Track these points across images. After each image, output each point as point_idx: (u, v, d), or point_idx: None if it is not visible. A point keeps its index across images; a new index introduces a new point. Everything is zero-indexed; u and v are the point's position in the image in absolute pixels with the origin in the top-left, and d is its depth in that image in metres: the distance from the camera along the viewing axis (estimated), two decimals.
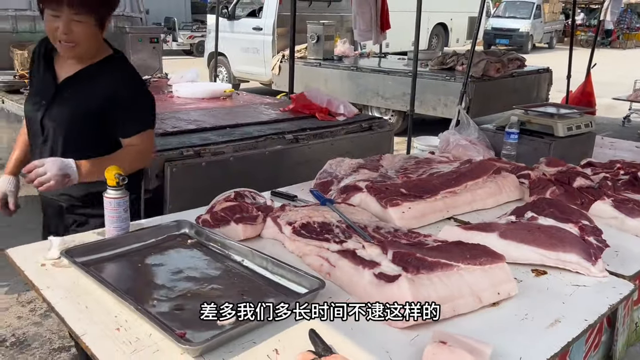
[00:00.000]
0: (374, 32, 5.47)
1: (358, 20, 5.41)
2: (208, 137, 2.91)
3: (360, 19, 5.37)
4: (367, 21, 5.33)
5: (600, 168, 2.55)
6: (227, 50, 9.70)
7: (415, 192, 2.04)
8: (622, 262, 1.74)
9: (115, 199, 1.63)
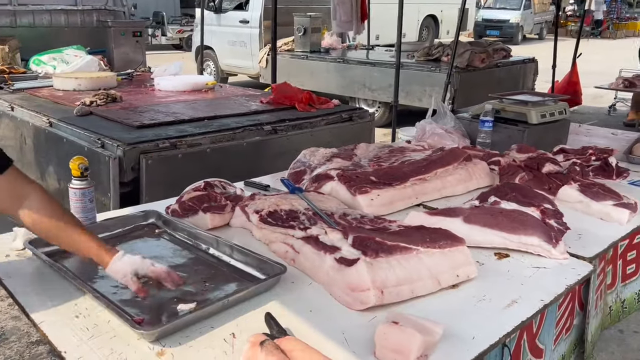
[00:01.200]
0: (355, 22, 5.46)
1: (338, 10, 5.41)
2: (185, 129, 2.92)
3: (341, 9, 5.36)
4: (347, 12, 5.32)
5: (572, 154, 2.58)
6: (215, 44, 9.68)
7: (384, 180, 2.06)
8: (584, 244, 1.77)
9: (80, 189, 1.65)
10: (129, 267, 1.34)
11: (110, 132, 2.80)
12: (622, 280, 2.85)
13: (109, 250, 1.38)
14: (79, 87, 4.08)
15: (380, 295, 1.35)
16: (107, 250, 1.38)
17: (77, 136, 2.89)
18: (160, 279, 1.36)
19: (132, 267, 1.34)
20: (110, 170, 2.57)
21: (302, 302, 1.39)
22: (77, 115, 3.23)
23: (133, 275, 1.34)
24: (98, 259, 1.38)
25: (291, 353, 1.09)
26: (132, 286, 1.33)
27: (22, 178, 1.38)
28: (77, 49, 5.08)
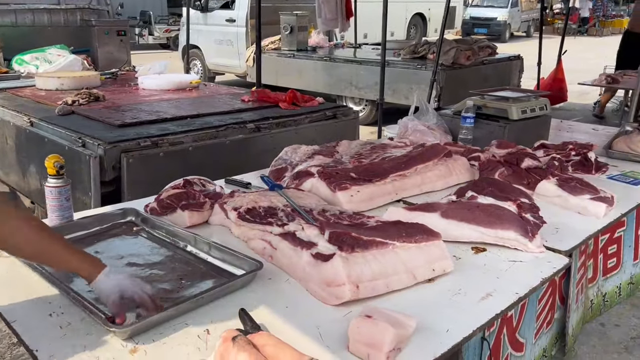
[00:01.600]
0: (340, 20, 5.46)
1: (323, 9, 5.40)
2: (167, 128, 2.90)
3: (326, 7, 5.36)
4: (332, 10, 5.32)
5: (552, 149, 2.60)
6: (201, 43, 9.63)
7: (364, 176, 2.06)
8: (561, 238, 1.79)
9: (56, 187, 1.64)
10: (116, 288, 1.24)
11: (92, 131, 2.78)
12: (604, 274, 2.88)
13: (94, 264, 1.29)
14: (61, 87, 4.05)
15: (355, 290, 1.36)
16: (93, 263, 1.29)
17: (58, 135, 2.86)
18: (143, 305, 1.26)
19: (119, 289, 1.24)
20: (91, 170, 2.55)
21: (278, 298, 1.40)
22: (59, 115, 3.20)
23: (118, 298, 1.24)
24: (82, 272, 1.27)
25: (263, 348, 1.09)
26: (113, 309, 1.23)
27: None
28: (60, 49, 5.03)
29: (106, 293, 1.24)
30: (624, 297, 3.03)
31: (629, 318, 2.88)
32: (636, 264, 3.09)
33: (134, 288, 1.26)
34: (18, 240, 1.21)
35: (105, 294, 1.24)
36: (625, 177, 2.42)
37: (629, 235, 2.97)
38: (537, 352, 2.38)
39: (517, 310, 2.08)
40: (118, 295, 1.24)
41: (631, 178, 2.41)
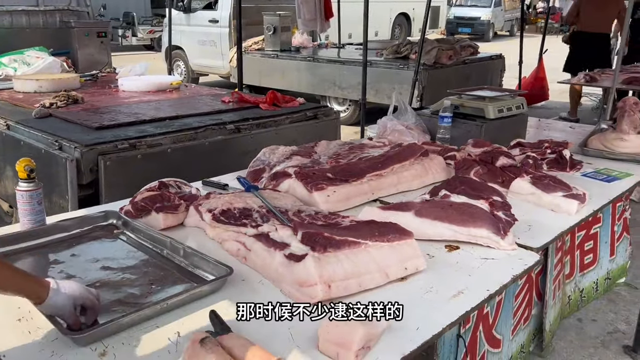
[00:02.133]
0: (319, 20, 5.47)
1: (302, 9, 5.41)
2: (145, 130, 2.89)
3: (305, 8, 5.37)
4: (311, 10, 5.33)
5: (528, 148, 2.63)
6: (184, 44, 9.60)
7: (341, 176, 2.07)
8: (533, 235, 1.81)
9: (27, 191, 1.62)
10: (69, 301, 1.20)
11: (69, 134, 2.76)
12: (580, 270, 2.92)
13: (38, 282, 1.21)
14: (40, 89, 4.01)
15: (327, 290, 1.36)
16: (37, 282, 1.21)
17: (35, 139, 2.84)
18: (94, 309, 1.26)
19: (71, 302, 1.21)
20: (68, 173, 2.54)
21: (251, 299, 1.39)
22: (36, 118, 3.17)
23: (72, 309, 1.21)
24: (28, 293, 1.19)
25: (232, 350, 1.10)
26: (70, 320, 1.21)
27: None
28: (39, 50, 4.98)
29: (60, 308, 1.20)
30: (601, 293, 3.08)
31: (605, 313, 2.92)
32: (612, 259, 3.14)
33: (83, 294, 1.24)
34: None
35: (59, 309, 1.20)
36: (599, 175, 2.45)
37: (605, 231, 3.02)
38: (514, 348, 2.41)
39: (493, 307, 2.11)
40: (72, 306, 1.21)
41: (605, 175, 2.44)
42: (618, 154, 2.67)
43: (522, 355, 2.47)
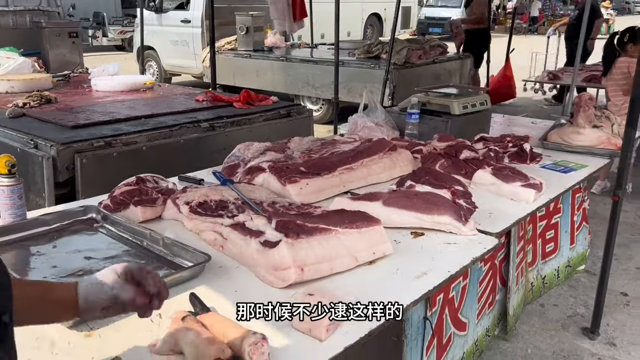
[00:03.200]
0: (287, 21, 5.56)
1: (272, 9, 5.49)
2: (120, 128, 2.94)
3: (274, 8, 5.44)
4: (280, 10, 5.41)
5: (491, 142, 2.77)
6: (157, 44, 9.56)
7: (313, 170, 2.17)
8: (493, 222, 1.93)
9: (9, 186, 1.67)
10: (109, 272, 1.04)
11: (44, 133, 2.79)
12: (542, 258, 3.08)
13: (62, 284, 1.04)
14: (11, 90, 4.00)
15: (300, 273, 1.45)
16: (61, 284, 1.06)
17: (9, 138, 2.86)
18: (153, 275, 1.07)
19: (112, 272, 1.03)
20: (44, 171, 2.57)
21: (228, 284, 1.48)
22: (9, 117, 3.18)
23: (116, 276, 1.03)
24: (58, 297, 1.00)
25: (211, 326, 1.18)
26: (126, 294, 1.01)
27: None
28: (9, 51, 4.94)
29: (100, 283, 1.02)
30: (562, 279, 3.25)
31: (566, 298, 3.08)
32: (573, 247, 3.31)
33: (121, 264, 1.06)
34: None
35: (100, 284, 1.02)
36: (557, 166, 2.60)
37: (565, 221, 3.18)
38: (480, 331, 2.54)
39: (458, 292, 2.23)
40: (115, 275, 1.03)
41: (562, 167, 2.59)
42: (575, 147, 2.83)
43: (487, 339, 2.60)
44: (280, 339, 1.23)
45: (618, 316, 2.89)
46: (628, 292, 3.16)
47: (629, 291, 3.16)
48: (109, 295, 0.99)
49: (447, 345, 2.21)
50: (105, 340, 1.22)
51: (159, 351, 1.16)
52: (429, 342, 2.03)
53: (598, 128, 2.82)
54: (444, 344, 2.18)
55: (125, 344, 1.20)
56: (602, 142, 2.77)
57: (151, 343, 1.19)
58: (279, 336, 1.24)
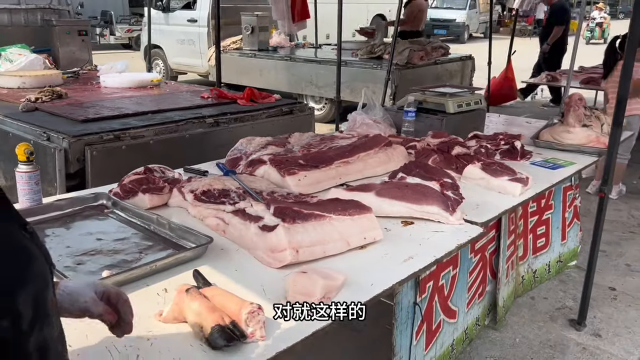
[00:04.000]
0: (287, 21, 5.67)
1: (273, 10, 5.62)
2: (129, 122, 3.06)
3: (275, 8, 5.56)
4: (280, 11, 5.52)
5: (484, 139, 2.88)
6: (163, 43, 9.71)
7: (311, 163, 2.29)
8: (480, 213, 2.04)
9: (27, 172, 1.80)
10: (88, 287, 1.07)
11: (56, 126, 2.92)
12: (533, 252, 3.19)
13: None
14: (23, 85, 4.13)
15: (295, 254, 1.57)
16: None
17: (23, 130, 2.99)
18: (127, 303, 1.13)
19: (90, 287, 1.07)
20: (57, 162, 2.69)
21: (229, 264, 1.60)
22: (23, 111, 3.31)
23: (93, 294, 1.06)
24: None
25: (213, 298, 1.30)
26: (95, 308, 1.05)
27: None
28: (21, 48, 5.08)
29: (78, 292, 1.05)
30: (553, 274, 3.36)
31: (556, 292, 3.19)
32: (564, 243, 3.41)
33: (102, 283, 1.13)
34: None
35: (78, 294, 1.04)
36: (546, 163, 2.71)
37: (557, 217, 3.29)
38: (470, 320, 2.65)
39: (448, 281, 2.34)
40: (93, 291, 1.07)
41: (551, 163, 2.70)
42: (565, 145, 2.94)
43: (477, 328, 2.72)
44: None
45: (605, 309, 3.00)
46: (616, 287, 3.26)
47: (617, 286, 3.27)
48: (81, 307, 1.03)
49: (436, 331, 2.33)
50: None
51: (164, 319, 1.29)
52: (419, 327, 2.14)
53: (587, 127, 2.93)
54: (433, 329, 2.30)
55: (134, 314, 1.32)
56: (591, 140, 2.88)
57: (157, 312, 1.31)
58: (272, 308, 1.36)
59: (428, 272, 2.13)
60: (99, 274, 1.47)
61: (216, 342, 1.17)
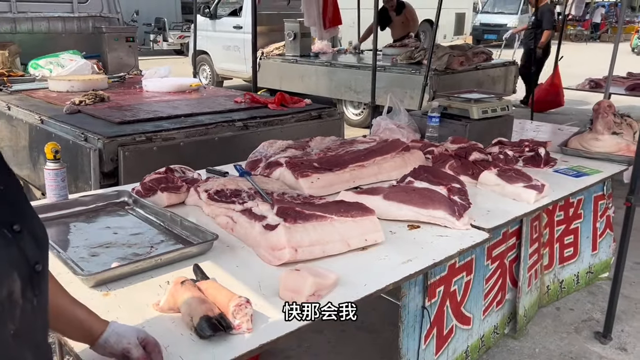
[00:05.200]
0: (318, 28, 5.74)
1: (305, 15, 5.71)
2: (161, 125, 3.20)
3: (307, 15, 5.65)
4: (312, 17, 5.60)
5: (509, 146, 2.85)
6: (210, 49, 10.00)
7: (326, 166, 2.34)
8: (489, 218, 2.04)
9: (54, 170, 1.94)
10: (132, 331, 1.19)
11: (94, 128, 3.09)
12: (560, 262, 3.12)
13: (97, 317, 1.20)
14: (71, 89, 4.38)
15: (294, 253, 1.63)
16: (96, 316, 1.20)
17: (64, 131, 3.18)
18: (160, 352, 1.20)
19: (134, 332, 1.19)
20: (92, 161, 2.86)
21: (232, 261, 1.68)
22: (66, 114, 3.52)
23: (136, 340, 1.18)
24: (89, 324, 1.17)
25: (206, 291, 1.37)
26: (137, 352, 1.16)
27: None
28: (72, 54, 5.39)
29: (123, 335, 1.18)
30: (582, 285, 3.26)
31: (584, 303, 3.10)
32: (595, 254, 3.31)
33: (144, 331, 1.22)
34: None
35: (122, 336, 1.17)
36: (570, 171, 2.65)
37: (587, 227, 3.20)
38: (487, 328, 2.62)
39: (461, 286, 2.34)
40: (136, 337, 1.18)
41: (575, 171, 2.64)
42: (593, 153, 2.87)
43: (495, 336, 2.68)
44: (267, 305, 1.41)
45: (634, 323, 2.89)
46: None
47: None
48: (124, 347, 1.16)
49: (448, 336, 2.32)
50: (119, 299, 1.43)
51: (160, 309, 1.37)
52: (428, 331, 2.15)
53: (617, 135, 2.84)
54: (444, 335, 2.29)
55: (134, 303, 1.42)
56: (620, 148, 2.79)
57: (155, 302, 1.39)
58: (265, 303, 1.42)
59: (438, 277, 2.14)
60: (110, 264, 1.57)
61: (203, 332, 1.24)
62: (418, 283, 2.01)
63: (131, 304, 1.41)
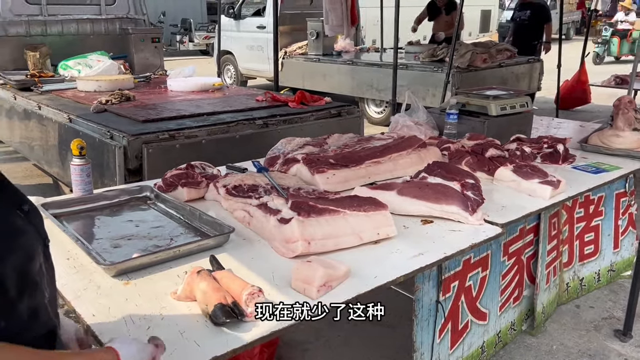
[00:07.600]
0: (345, 26, 5.79)
1: (330, 15, 5.76)
2: (184, 123, 3.29)
3: (333, 14, 5.70)
4: (338, 16, 5.66)
5: (527, 143, 2.84)
6: (234, 49, 10.13)
7: (342, 162, 2.38)
8: (503, 214, 2.04)
9: (79, 165, 2.02)
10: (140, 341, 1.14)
11: (119, 126, 3.20)
12: (580, 259, 3.10)
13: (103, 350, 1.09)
14: (99, 89, 4.52)
15: (307, 246, 1.67)
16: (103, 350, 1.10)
17: (91, 130, 3.30)
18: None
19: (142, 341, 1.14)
20: (117, 158, 2.96)
21: (247, 253, 1.73)
22: (93, 112, 3.65)
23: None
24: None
25: (221, 280, 1.43)
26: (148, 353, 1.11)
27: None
28: (100, 55, 5.55)
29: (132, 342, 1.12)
30: (603, 283, 3.23)
31: (604, 301, 3.07)
32: (617, 252, 3.28)
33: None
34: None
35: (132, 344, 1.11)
36: (589, 167, 2.63)
37: (608, 224, 3.17)
38: (503, 324, 2.63)
39: (476, 282, 2.35)
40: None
41: (594, 168, 2.62)
42: (614, 150, 2.83)
43: (512, 332, 2.68)
44: (279, 295, 1.46)
45: None
46: None
47: None
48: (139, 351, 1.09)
49: (463, 331, 2.34)
50: (138, 288, 1.50)
51: (177, 298, 1.43)
52: (442, 325, 2.17)
53: (638, 131, 2.81)
54: (459, 329, 2.31)
55: (153, 292, 1.48)
56: None
57: (172, 291, 1.46)
58: (277, 293, 1.47)
59: (452, 272, 2.17)
60: (131, 255, 1.64)
61: (217, 318, 1.30)
62: (432, 277, 2.03)
63: (150, 293, 1.47)
